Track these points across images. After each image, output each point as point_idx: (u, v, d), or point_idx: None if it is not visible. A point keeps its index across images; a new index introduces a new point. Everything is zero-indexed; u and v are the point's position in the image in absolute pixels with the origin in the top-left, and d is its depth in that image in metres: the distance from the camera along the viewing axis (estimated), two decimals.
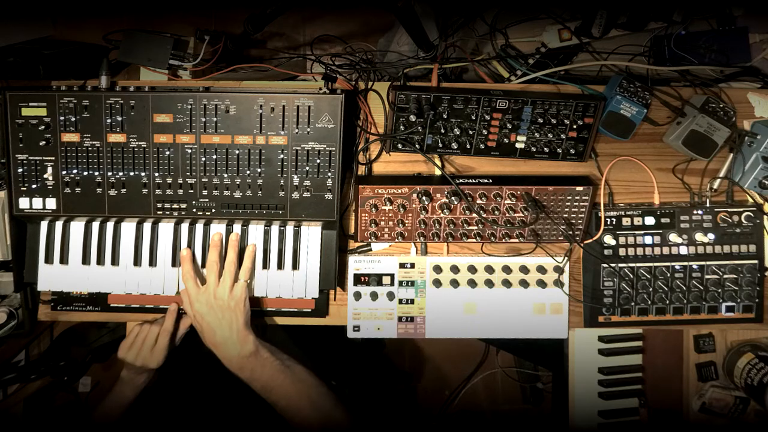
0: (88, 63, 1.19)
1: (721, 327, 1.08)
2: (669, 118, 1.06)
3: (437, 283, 1.04)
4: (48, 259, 0.99)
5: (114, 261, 1.00)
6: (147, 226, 1.00)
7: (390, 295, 1.03)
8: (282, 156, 0.95)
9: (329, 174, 0.96)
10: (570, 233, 1.00)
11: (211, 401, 1.13)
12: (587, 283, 1.06)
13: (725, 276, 1.03)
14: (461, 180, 0.99)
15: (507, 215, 1.00)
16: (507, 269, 1.03)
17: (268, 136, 0.94)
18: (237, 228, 1.00)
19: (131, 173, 0.96)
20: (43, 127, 0.94)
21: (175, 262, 1.00)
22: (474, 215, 0.99)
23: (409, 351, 2.06)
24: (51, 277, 1.00)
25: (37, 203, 0.97)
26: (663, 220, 1.03)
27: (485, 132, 0.99)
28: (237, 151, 0.95)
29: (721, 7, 1.24)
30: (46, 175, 0.96)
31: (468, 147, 1.00)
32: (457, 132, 0.98)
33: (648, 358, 1.10)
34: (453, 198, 0.97)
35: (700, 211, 1.04)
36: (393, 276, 1.04)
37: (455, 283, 1.04)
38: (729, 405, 1.07)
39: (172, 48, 1.00)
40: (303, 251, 1.00)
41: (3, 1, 1.18)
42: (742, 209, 1.03)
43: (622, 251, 1.03)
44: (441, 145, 1.00)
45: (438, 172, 1.04)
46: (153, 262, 1.00)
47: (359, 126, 1.04)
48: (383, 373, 1.95)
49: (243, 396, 0.95)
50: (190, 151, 0.95)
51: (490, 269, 1.04)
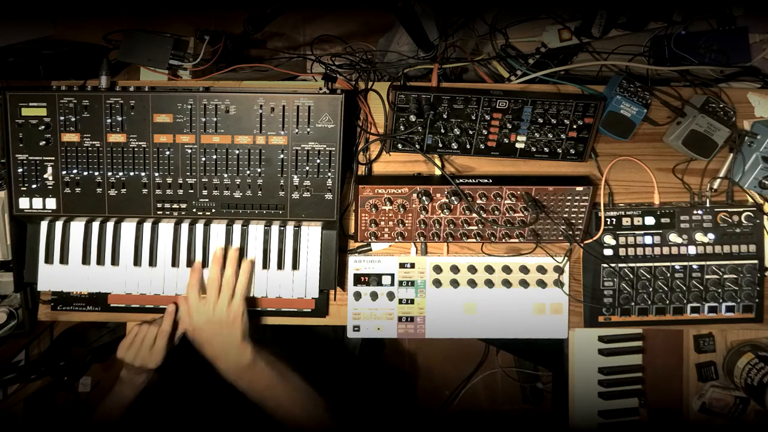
0: (88, 63, 1.19)
1: (721, 327, 1.08)
2: (669, 118, 1.06)
3: (437, 283, 1.04)
4: (48, 259, 0.99)
5: (114, 261, 1.00)
6: (147, 226, 1.00)
7: (390, 295, 1.03)
8: (282, 156, 0.95)
9: (329, 174, 0.96)
10: (570, 233, 1.00)
11: (211, 401, 1.13)
12: (587, 283, 1.05)
13: (725, 276, 1.03)
14: (461, 180, 0.98)
15: (507, 215, 1.00)
16: (507, 269, 1.03)
17: (268, 136, 0.94)
18: (237, 228, 1.00)
19: (131, 173, 0.96)
20: (43, 127, 0.94)
21: (175, 262, 1.00)
22: (474, 215, 0.99)
23: (409, 351, 2.06)
24: (51, 277, 1.00)
25: (37, 203, 0.97)
26: (663, 220, 1.03)
27: (485, 132, 0.99)
28: (237, 151, 0.95)
29: (721, 7, 1.24)
30: (46, 175, 0.96)
31: (468, 147, 1.00)
32: (457, 132, 0.97)
33: (648, 358, 1.10)
34: (453, 198, 0.97)
35: (700, 211, 1.04)
36: (393, 276, 1.04)
37: (455, 283, 1.04)
38: (729, 405, 1.07)
39: (172, 48, 1.00)
40: (303, 251, 1.00)
41: (3, 1, 1.18)
42: (742, 209, 1.03)
43: (622, 251, 1.03)
44: (441, 145, 1.00)
45: (438, 172, 1.04)
46: (153, 262, 1.00)
47: (359, 126, 1.04)
48: (383, 373, 1.95)
49: (242, 396, 0.96)
50: (190, 151, 0.95)
51: (490, 269, 1.04)
